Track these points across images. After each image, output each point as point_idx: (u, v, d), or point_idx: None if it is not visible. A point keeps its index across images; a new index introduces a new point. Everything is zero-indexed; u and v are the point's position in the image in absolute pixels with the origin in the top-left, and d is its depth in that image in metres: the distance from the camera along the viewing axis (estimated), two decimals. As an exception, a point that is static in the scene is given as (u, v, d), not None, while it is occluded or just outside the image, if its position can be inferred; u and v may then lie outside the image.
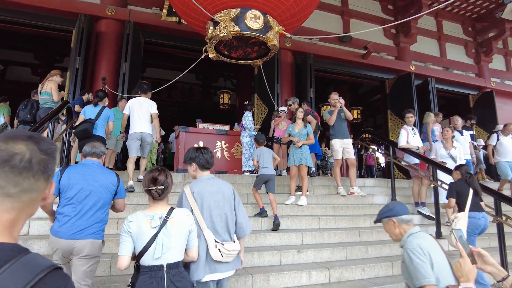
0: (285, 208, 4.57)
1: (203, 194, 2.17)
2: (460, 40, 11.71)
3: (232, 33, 4.64)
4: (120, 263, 1.79)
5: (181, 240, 1.88)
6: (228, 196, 2.28)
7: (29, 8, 6.96)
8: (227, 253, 2.09)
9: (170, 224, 1.86)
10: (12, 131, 0.78)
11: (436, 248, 1.85)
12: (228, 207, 2.25)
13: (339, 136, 5.56)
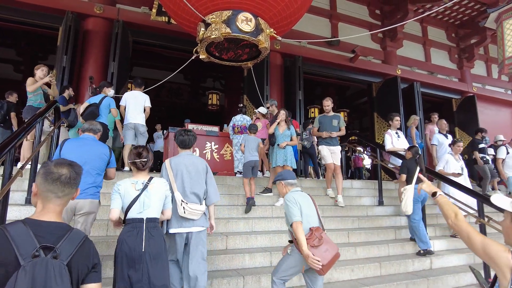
0: (275, 210, 4.60)
1: (178, 165, 2.75)
2: (444, 45, 12.02)
3: (224, 35, 4.65)
4: (112, 214, 2.35)
5: (158, 201, 2.41)
6: (201, 169, 2.82)
7: (14, 4, 6.78)
8: (190, 210, 2.61)
9: (150, 188, 2.40)
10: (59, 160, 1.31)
11: (307, 202, 2.74)
12: (199, 177, 2.78)
13: (327, 143, 5.53)
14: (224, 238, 3.64)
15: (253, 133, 5.09)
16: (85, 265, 1.22)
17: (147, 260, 2.21)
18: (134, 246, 2.21)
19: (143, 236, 2.24)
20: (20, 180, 3.87)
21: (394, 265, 3.83)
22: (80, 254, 1.20)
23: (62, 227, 1.23)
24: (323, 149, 5.53)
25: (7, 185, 2.59)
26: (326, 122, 5.59)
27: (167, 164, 2.77)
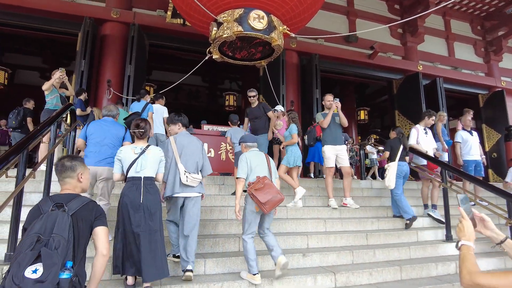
0: (290, 211, 4.49)
1: (181, 142, 3.26)
2: (469, 39, 11.52)
3: (236, 33, 4.58)
4: (115, 176, 2.94)
5: (153, 163, 2.92)
6: (198, 147, 3.35)
7: (36, 13, 7.02)
8: (191, 179, 3.09)
9: (147, 153, 2.91)
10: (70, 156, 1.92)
11: (258, 158, 3.27)
12: (197, 153, 3.29)
13: (332, 142, 5.08)
14: (236, 240, 3.56)
15: (234, 124, 5.33)
16: (88, 216, 1.74)
17: (144, 210, 2.67)
18: (134, 198, 2.69)
19: (141, 190, 2.74)
20: (36, 182, 3.96)
21: (416, 269, 3.63)
22: (83, 209, 1.73)
23: (72, 195, 1.80)
24: (328, 150, 5.07)
25: (20, 185, 2.63)
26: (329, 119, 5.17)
27: (172, 140, 3.27)
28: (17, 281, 1.37)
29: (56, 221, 1.56)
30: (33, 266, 1.41)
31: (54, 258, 1.45)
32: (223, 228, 3.82)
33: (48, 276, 1.40)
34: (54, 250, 1.47)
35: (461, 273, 1.25)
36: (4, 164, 2.47)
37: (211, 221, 3.90)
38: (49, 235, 1.51)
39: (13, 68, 11.75)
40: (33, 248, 1.45)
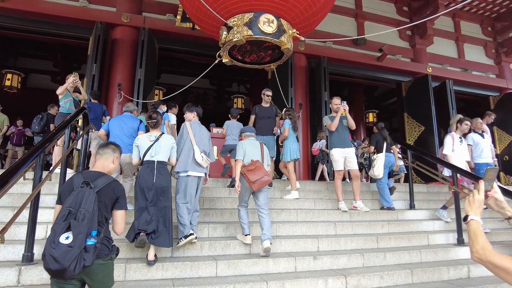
0: (300, 214, 4.49)
1: (195, 129, 3.78)
2: (479, 40, 11.40)
3: (246, 37, 4.63)
4: (134, 161, 3.48)
5: (166, 150, 3.42)
6: (207, 136, 3.89)
7: (49, 18, 7.16)
8: (205, 159, 3.62)
9: (160, 140, 3.41)
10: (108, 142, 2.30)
11: (253, 146, 3.87)
12: (205, 141, 3.81)
13: (340, 145, 5.04)
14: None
15: (234, 118, 5.59)
16: (110, 195, 2.01)
17: (156, 189, 3.16)
18: (148, 179, 3.16)
19: (155, 172, 3.23)
20: (51, 184, 4.04)
21: (427, 273, 3.61)
22: (107, 187, 2.00)
23: (100, 174, 2.08)
24: (336, 153, 5.02)
25: (37, 188, 2.69)
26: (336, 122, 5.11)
27: (188, 124, 3.80)
28: (53, 245, 1.69)
29: (84, 197, 1.85)
30: (66, 234, 1.74)
31: (80, 228, 1.75)
32: (234, 231, 3.84)
33: (76, 242, 1.71)
34: (81, 221, 1.77)
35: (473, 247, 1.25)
36: (23, 167, 2.54)
37: (221, 223, 3.93)
38: (77, 209, 1.81)
39: (26, 72, 11.99)
40: (65, 219, 1.77)
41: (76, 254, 1.69)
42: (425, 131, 9.54)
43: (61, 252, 1.67)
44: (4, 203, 3.65)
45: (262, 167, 3.70)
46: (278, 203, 4.76)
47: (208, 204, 4.45)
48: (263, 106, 5.74)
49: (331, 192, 5.48)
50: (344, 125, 5.14)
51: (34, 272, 2.62)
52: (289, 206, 4.77)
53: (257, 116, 5.70)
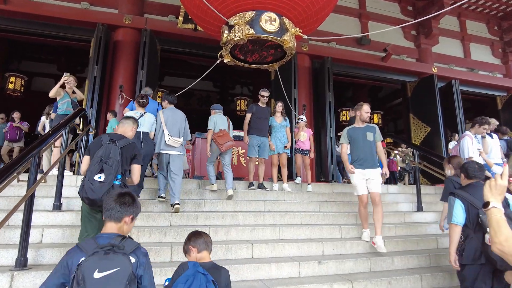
0: (304, 216, 4.36)
1: (167, 114, 4.44)
2: (485, 39, 11.24)
3: (247, 36, 4.53)
4: None
5: (148, 124, 4.34)
6: (181, 118, 4.52)
7: (51, 20, 7.14)
8: (172, 140, 4.26)
9: (144, 116, 4.30)
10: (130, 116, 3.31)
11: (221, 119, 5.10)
12: (180, 122, 4.45)
13: (360, 165, 3.99)
14: (249, 246, 3.46)
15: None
16: (130, 152, 2.64)
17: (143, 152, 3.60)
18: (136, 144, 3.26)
19: (141, 140, 4.12)
20: (49, 187, 3.95)
21: (437, 278, 3.46)
22: (128, 146, 2.63)
23: (122, 136, 2.71)
24: (355, 175, 3.99)
25: (30, 190, 2.60)
26: (358, 136, 4.04)
27: (161, 114, 4.43)
28: (91, 181, 2.37)
29: (112, 150, 2.48)
30: (99, 174, 2.39)
31: (110, 170, 2.41)
32: (236, 234, 3.73)
33: (107, 180, 2.38)
34: (110, 166, 2.42)
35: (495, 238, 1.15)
36: (16, 168, 2.45)
37: (223, 227, 3.81)
38: (107, 158, 2.44)
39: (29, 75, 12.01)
40: (99, 164, 2.42)
41: (106, 188, 2.33)
42: (431, 132, 9.37)
43: (96, 186, 2.32)
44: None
45: (228, 135, 4.93)
46: (281, 206, 4.64)
47: (209, 207, 4.34)
48: (260, 106, 5.60)
49: (336, 195, 5.34)
50: (368, 140, 4.04)
51: (27, 278, 2.51)
52: (293, 209, 4.65)
53: (254, 115, 5.53)
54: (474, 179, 2.87)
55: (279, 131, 5.56)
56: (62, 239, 3.14)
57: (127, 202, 1.71)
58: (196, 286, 1.70)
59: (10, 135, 7.49)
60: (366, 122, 4.11)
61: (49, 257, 2.85)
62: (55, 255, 2.86)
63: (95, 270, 1.39)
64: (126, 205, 1.70)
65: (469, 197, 2.72)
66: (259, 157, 5.42)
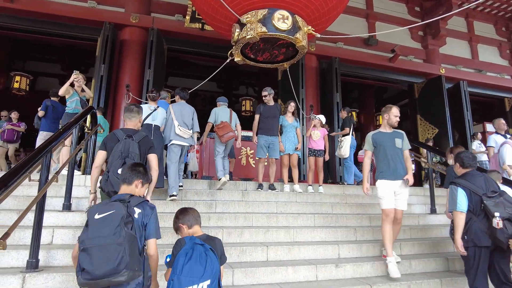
0: (318, 218, 4.25)
1: (177, 108, 4.63)
2: (493, 40, 11.14)
3: (260, 34, 4.46)
4: None
5: (160, 118, 4.47)
6: (189, 112, 4.70)
7: (57, 19, 7.09)
8: (182, 130, 4.43)
9: (157, 111, 4.45)
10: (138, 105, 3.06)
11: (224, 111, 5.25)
12: (188, 116, 4.65)
13: (389, 175, 3.49)
14: (264, 249, 3.36)
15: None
16: (146, 145, 2.73)
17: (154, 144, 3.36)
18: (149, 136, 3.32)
19: (152, 133, 4.25)
20: (58, 186, 3.87)
21: (458, 282, 3.35)
22: (143, 140, 2.72)
23: (135, 131, 2.79)
24: (382, 186, 3.50)
25: (42, 190, 2.51)
26: (386, 142, 3.56)
27: (171, 107, 4.63)
28: (116, 175, 2.44)
29: (130, 144, 2.60)
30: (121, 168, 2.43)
31: None
32: (249, 236, 3.63)
33: None
34: (132, 160, 2.52)
35: None
36: (27, 168, 2.36)
37: (236, 228, 3.72)
38: (127, 152, 2.55)
39: (34, 75, 11.97)
40: (121, 158, 2.53)
41: None
42: (439, 133, 9.27)
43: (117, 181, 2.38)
44: (9, 206, 3.48)
45: (229, 126, 5.06)
46: (293, 207, 4.54)
47: (221, 208, 4.25)
48: (268, 105, 5.46)
49: (348, 196, 5.23)
50: (398, 147, 3.57)
51: (39, 280, 2.43)
52: (306, 210, 4.55)
53: (262, 115, 5.42)
54: (469, 168, 3.07)
55: (290, 131, 5.43)
56: (73, 240, 3.05)
57: (138, 170, 2.11)
58: (197, 256, 1.78)
59: (7, 136, 7.28)
60: (394, 127, 3.67)
61: (60, 258, 2.76)
62: (66, 256, 2.77)
63: (96, 213, 1.74)
64: (137, 171, 2.09)
65: (470, 185, 2.94)
66: (269, 157, 5.31)
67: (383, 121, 3.71)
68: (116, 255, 1.61)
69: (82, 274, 1.61)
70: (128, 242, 1.67)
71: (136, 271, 1.69)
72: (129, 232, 1.71)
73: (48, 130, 5.60)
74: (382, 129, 3.70)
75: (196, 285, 1.70)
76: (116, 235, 1.64)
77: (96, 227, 1.68)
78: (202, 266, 1.75)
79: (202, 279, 1.71)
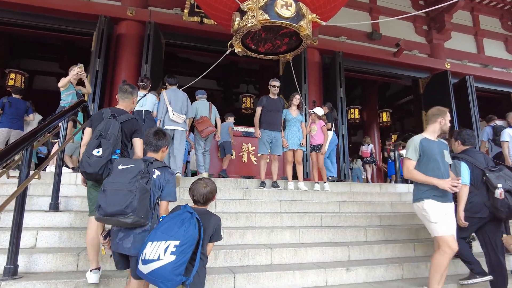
0: (324, 218, 3.98)
1: (170, 94, 4.73)
2: (499, 35, 10.88)
3: (261, 22, 4.20)
4: None
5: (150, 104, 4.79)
6: (183, 98, 4.81)
7: (51, 12, 6.84)
8: (176, 115, 4.57)
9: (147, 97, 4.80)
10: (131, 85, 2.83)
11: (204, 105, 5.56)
12: (181, 102, 4.74)
13: (443, 196, 2.78)
14: (268, 251, 3.10)
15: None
16: (130, 127, 2.53)
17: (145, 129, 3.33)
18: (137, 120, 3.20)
19: (143, 119, 4.48)
20: (46, 185, 3.61)
21: (480, 286, 3.10)
22: (128, 121, 2.53)
23: (123, 111, 2.61)
24: (433, 207, 2.77)
25: (21, 186, 2.25)
26: (436, 153, 2.84)
27: (164, 93, 4.73)
28: (89, 155, 2.29)
29: (111, 124, 2.41)
30: (97, 149, 2.31)
31: (107, 145, 2.33)
32: (252, 237, 3.37)
33: (104, 154, 2.30)
34: (108, 140, 2.35)
35: None
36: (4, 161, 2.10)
37: (237, 229, 3.45)
38: (106, 132, 2.38)
39: (31, 73, 11.73)
40: (97, 138, 2.35)
41: (103, 163, 2.28)
42: (445, 129, 8.99)
43: (94, 160, 2.26)
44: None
45: (208, 121, 5.27)
46: (298, 206, 4.27)
47: (221, 207, 3.98)
48: (271, 98, 5.16)
49: (356, 194, 4.95)
50: (447, 161, 2.93)
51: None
52: (312, 209, 4.28)
53: (264, 108, 5.10)
54: (469, 145, 3.29)
55: (294, 126, 5.14)
56: (59, 243, 2.79)
57: (161, 137, 2.27)
58: (179, 219, 1.87)
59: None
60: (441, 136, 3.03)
61: (43, 263, 2.49)
62: (50, 261, 2.51)
63: (120, 164, 2.01)
64: (162, 139, 2.26)
65: (472, 159, 3.13)
66: (271, 153, 5.04)
67: (433, 126, 2.95)
68: (126, 200, 1.83)
69: (98, 210, 1.89)
70: (140, 192, 1.87)
71: (142, 218, 1.88)
72: (142, 184, 1.90)
73: (5, 127, 5.73)
74: (428, 136, 2.92)
75: (164, 241, 1.79)
76: (130, 184, 1.87)
77: (116, 175, 1.94)
78: (178, 227, 1.84)
79: (171, 237, 1.79)
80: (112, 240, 2.00)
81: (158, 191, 2.05)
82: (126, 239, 1.93)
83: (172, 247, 1.76)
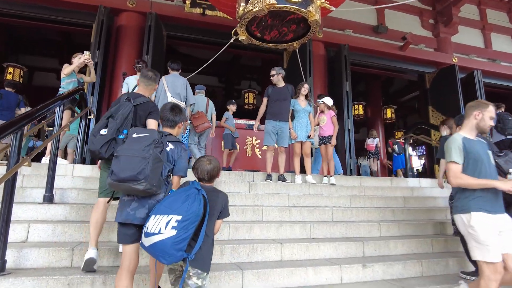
0: (336, 212, 3.77)
1: (169, 79, 4.66)
2: (507, 29, 10.65)
3: (268, 6, 3.98)
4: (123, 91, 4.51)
5: None
6: (182, 83, 4.71)
7: (50, 3, 6.66)
8: (175, 101, 4.35)
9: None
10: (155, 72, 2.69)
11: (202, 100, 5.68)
12: (180, 87, 4.65)
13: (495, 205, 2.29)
14: (278, 247, 2.89)
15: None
16: (145, 110, 2.46)
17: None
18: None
19: None
20: (41, 177, 3.40)
21: (504, 284, 2.90)
22: (144, 104, 2.47)
23: (140, 95, 2.54)
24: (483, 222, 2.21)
25: (10, 172, 2.04)
26: (480, 154, 2.38)
27: (163, 78, 4.60)
28: (95, 134, 2.24)
29: (123, 106, 2.34)
30: (104, 129, 2.24)
31: (113, 124, 2.25)
32: (260, 232, 3.16)
33: (108, 133, 2.22)
34: (115, 120, 2.27)
35: None
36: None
37: (244, 223, 3.24)
38: (116, 113, 2.30)
39: (31, 70, 11.55)
40: (107, 119, 2.29)
41: (104, 141, 2.19)
42: (453, 124, 8.77)
43: (98, 139, 2.20)
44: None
45: (204, 116, 5.20)
46: (307, 200, 4.05)
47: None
48: (277, 87, 4.93)
49: (366, 188, 4.72)
50: (493, 164, 2.46)
51: (3, 286, 1.96)
52: (321, 204, 4.07)
53: (270, 98, 4.88)
54: None
55: (302, 117, 4.89)
56: (52, 237, 2.58)
57: (178, 113, 2.26)
58: (184, 195, 1.82)
59: None
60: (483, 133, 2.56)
61: (34, 258, 2.28)
62: (42, 256, 2.30)
63: (135, 133, 2.01)
64: (178, 115, 2.26)
65: None
66: (278, 145, 4.81)
67: (471, 122, 2.43)
68: (139, 166, 1.80)
69: (111, 175, 1.86)
70: (153, 160, 1.84)
71: (154, 187, 1.83)
72: (156, 153, 1.88)
73: None
74: (467, 134, 2.44)
75: (167, 215, 1.74)
76: (144, 151, 1.85)
77: (131, 142, 1.93)
78: (181, 202, 1.79)
79: (174, 212, 1.74)
80: (121, 211, 1.92)
81: (170, 164, 2.05)
82: (141, 208, 1.89)
83: (174, 222, 1.71)
